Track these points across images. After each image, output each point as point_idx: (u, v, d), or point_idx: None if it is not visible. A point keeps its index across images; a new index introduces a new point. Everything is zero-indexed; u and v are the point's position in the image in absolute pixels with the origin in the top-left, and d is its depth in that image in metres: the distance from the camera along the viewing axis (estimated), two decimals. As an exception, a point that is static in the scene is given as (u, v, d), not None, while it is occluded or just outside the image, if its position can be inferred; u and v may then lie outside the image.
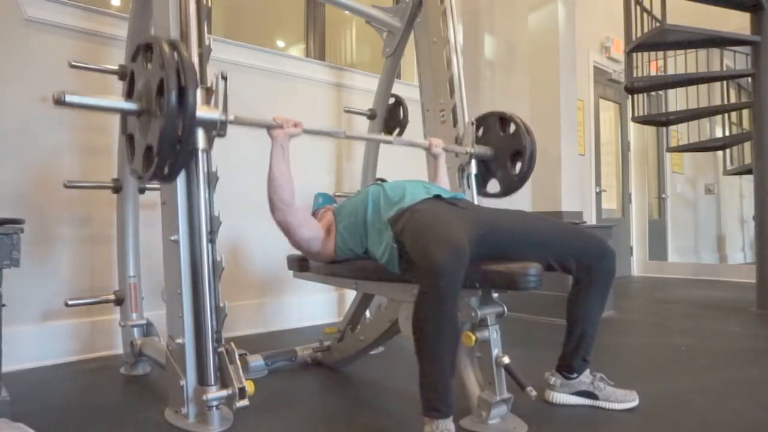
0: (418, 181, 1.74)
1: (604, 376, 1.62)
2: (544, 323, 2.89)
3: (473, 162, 2.15)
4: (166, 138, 1.26)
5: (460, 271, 1.24)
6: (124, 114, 1.49)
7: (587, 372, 1.62)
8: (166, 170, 1.34)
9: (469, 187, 2.16)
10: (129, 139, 1.46)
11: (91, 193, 2.23)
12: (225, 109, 1.45)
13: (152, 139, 1.31)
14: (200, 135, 1.45)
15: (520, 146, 2.09)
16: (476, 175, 2.16)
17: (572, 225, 1.72)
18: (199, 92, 1.35)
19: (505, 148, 2.15)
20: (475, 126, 2.17)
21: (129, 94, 1.44)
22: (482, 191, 2.25)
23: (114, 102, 1.40)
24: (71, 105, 1.27)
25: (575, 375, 1.61)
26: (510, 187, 2.18)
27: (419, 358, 1.27)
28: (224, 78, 1.43)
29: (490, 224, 1.48)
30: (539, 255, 1.46)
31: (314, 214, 1.94)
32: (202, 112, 1.40)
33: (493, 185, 2.28)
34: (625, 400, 1.58)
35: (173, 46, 1.31)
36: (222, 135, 1.48)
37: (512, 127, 2.13)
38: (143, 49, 1.38)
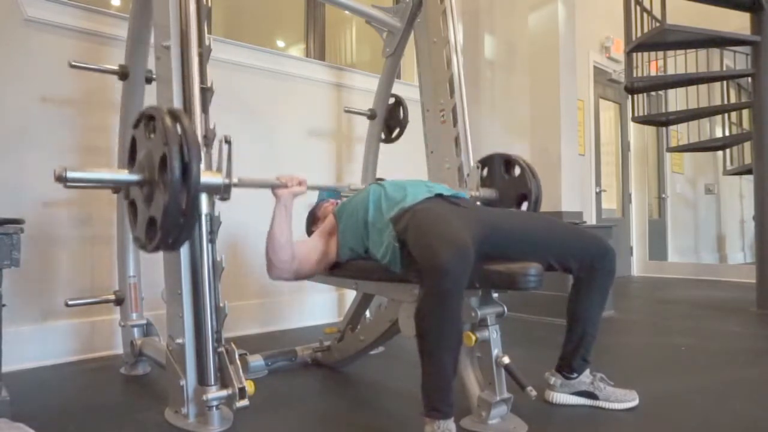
0: (419, 181, 1.74)
1: (604, 376, 1.62)
2: (544, 323, 2.89)
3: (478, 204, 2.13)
4: (170, 213, 1.23)
5: (465, 271, 1.24)
6: (126, 186, 1.43)
7: (587, 372, 1.62)
8: (170, 241, 1.31)
9: None
10: (131, 204, 1.41)
11: (91, 193, 2.23)
12: (229, 174, 1.44)
13: (155, 211, 1.27)
14: (204, 200, 1.45)
15: (526, 190, 2.03)
16: None
17: (572, 225, 1.72)
18: (203, 160, 1.33)
19: (510, 190, 2.10)
20: (480, 168, 2.15)
21: (131, 161, 1.39)
22: None
23: (116, 175, 1.38)
24: (73, 181, 1.24)
25: (575, 375, 1.61)
26: None
27: (421, 358, 1.27)
28: (228, 142, 1.42)
29: (491, 224, 1.47)
30: (540, 255, 1.46)
31: (317, 207, 1.95)
32: (206, 177, 1.39)
33: None
34: (625, 399, 1.58)
35: (175, 117, 1.27)
36: (226, 199, 1.47)
37: (517, 170, 2.10)
38: (145, 119, 1.33)
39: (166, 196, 1.21)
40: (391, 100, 2.82)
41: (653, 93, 5.33)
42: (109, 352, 2.24)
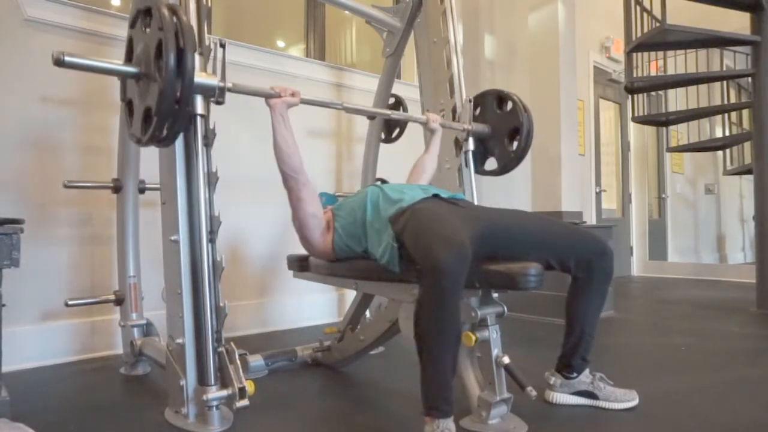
0: (416, 185, 1.75)
1: (604, 375, 1.62)
2: (544, 323, 2.89)
3: (470, 139, 2.16)
4: (164, 98, 1.27)
5: (463, 270, 1.24)
6: (123, 77, 1.50)
7: (587, 372, 1.62)
8: (164, 132, 1.35)
9: (466, 165, 2.16)
10: (128, 104, 1.47)
11: (91, 193, 2.23)
12: (223, 76, 1.46)
13: (151, 102, 1.32)
14: (199, 101, 1.46)
15: (518, 123, 2.10)
16: (474, 152, 2.17)
17: (571, 224, 1.72)
18: (198, 60, 1.36)
19: (502, 125, 2.16)
20: (472, 104, 2.18)
21: (128, 60, 1.45)
22: (479, 169, 2.26)
23: (112, 64, 1.41)
24: (70, 65, 1.27)
25: (575, 375, 1.61)
26: (507, 164, 2.19)
27: (420, 358, 1.27)
28: (222, 46, 1.44)
29: (490, 223, 1.47)
30: (539, 254, 1.46)
31: None
32: (201, 78, 1.41)
33: (490, 164, 2.29)
34: (625, 399, 1.58)
35: (172, 10, 1.32)
36: (221, 102, 1.48)
37: (509, 105, 2.15)
38: (142, 14, 1.39)
39: (162, 81, 1.25)
40: (391, 100, 2.82)
41: (653, 93, 5.33)
42: (109, 352, 2.24)
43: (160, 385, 1.79)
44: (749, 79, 3.38)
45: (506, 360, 1.46)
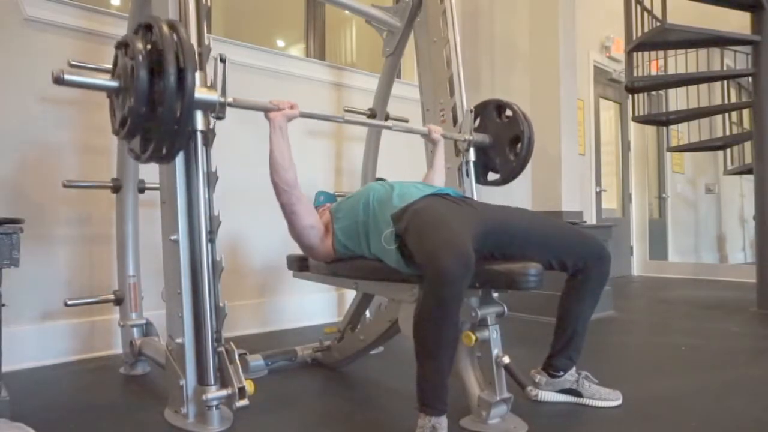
0: (420, 182, 1.74)
1: (589, 374, 1.63)
2: (544, 323, 2.88)
3: (472, 150, 2.16)
4: (164, 119, 1.26)
5: (466, 277, 1.24)
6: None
7: (573, 370, 1.63)
8: (163, 151, 1.34)
9: (468, 175, 2.16)
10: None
11: (90, 192, 2.23)
12: (224, 92, 1.46)
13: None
14: (199, 117, 1.46)
15: (518, 131, 2.10)
16: (475, 163, 2.17)
17: (571, 225, 1.72)
18: (197, 75, 1.35)
19: (503, 134, 2.17)
20: (473, 114, 2.18)
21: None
22: (482, 180, 2.25)
23: (110, 82, 1.40)
24: (70, 84, 1.28)
25: (561, 373, 1.62)
26: (509, 174, 2.19)
27: (418, 357, 1.28)
28: (223, 60, 1.44)
29: (492, 221, 1.47)
30: (540, 253, 1.46)
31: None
32: (201, 94, 1.40)
33: (492, 174, 2.29)
34: (609, 398, 1.59)
35: (172, 27, 1.31)
36: (221, 117, 1.48)
37: (509, 114, 2.15)
38: (143, 30, 1.38)
39: (162, 101, 1.25)
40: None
41: (653, 92, 5.32)
42: (109, 352, 2.23)
43: (159, 385, 1.79)
44: (749, 78, 3.38)
45: (506, 360, 1.46)
